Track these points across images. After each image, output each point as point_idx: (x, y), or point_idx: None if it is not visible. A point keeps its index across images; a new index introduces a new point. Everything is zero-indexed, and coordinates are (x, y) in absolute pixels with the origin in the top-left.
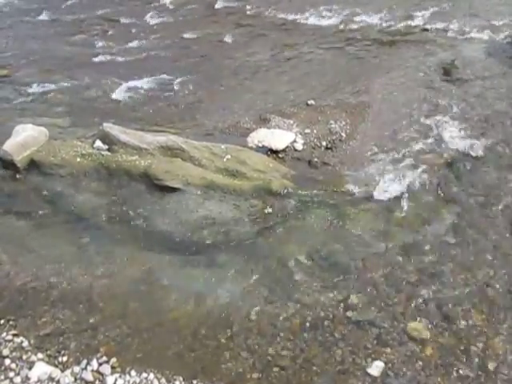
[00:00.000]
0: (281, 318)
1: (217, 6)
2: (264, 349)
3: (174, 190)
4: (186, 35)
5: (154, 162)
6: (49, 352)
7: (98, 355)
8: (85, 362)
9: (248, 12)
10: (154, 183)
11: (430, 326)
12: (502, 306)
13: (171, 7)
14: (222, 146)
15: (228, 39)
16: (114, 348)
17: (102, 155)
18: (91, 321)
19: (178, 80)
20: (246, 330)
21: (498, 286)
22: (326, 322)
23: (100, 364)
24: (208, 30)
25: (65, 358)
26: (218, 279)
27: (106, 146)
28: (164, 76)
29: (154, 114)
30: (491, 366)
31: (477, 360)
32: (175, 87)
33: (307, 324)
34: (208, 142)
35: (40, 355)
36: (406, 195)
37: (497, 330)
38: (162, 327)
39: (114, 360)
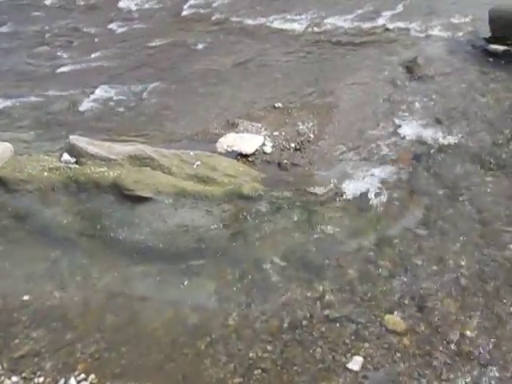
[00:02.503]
0: (259, 320)
1: (183, 13)
2: (244, 353)
3: (145, 199)
4: (152, 43)
5: (124, 172)
6: (24, 374)
7: (76, 373)
8: (62, 381)
9: (214, 18)
10: (124, 194)
11: (405, 318)
12: (473, 293)
13: (136, 15)
14: (192, 153)
15: (195, 46)
16: (92, 364)
17: (70, 168)
18: (67, 338)
19: (146, 88)
20: (225, 336)
21: (468, 273)
22: (304, 322)
23: (78, 382)
24: (174, 38)
25: (41, 380)
26: (195, 286)
27: (74, 159)
28: (131, 85)
29: (122, 123)
30: (467, 350)
31: (453, 347)
32: (142, 96)
33: (286, 325)
34: (177, 149)
35: (14, 378)
36: (376, 191)
37: (470, 317)
38: (140, 339)
39: (92, 377)
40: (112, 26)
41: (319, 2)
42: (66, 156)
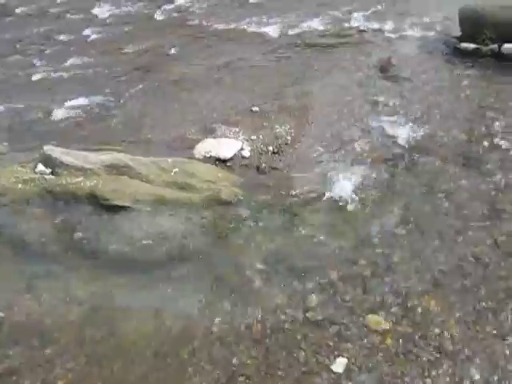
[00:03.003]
0: (242, 326)
1: (157, 19)
2: (228, 360)
3: (123, 208)
4: (126, 49)
5: (100, 181)
6: None
7: None
8: None
9: (189, 22)
10: (101, 204)
11: (387, 317)
12: (453, 289)
13: (110, 21)
14: (169, 160)
15: (170, 51)
16: (73, 380)
17: (45, 179)
18: (46, 354)
19: (121, 96)
20: (209, 343)
21: (447, 270)
22: (287, 325)
23: None
24: (149, 43)
25: None
26: (177, 295)
27: (49, 170)
28: (106, 92)
29: (98, 132)
30: (448, 347)
31: (434, 344)
32: (118, 103)
33: (269, 330)
34: (155, 156)
35: None
36: (354, 192)
37: (451, 313)
38: (121, 351)
39: None
40: (85, 32)
41: (294, 5)
42: (40, 167)
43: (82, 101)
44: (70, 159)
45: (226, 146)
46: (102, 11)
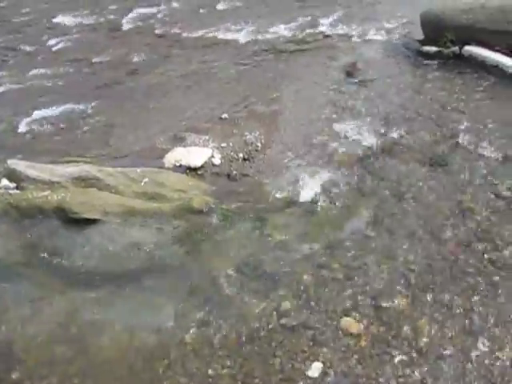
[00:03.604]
0: (217, 336)
1: (123, 27)
2: (203, 371)
3: (92, 221)
4: (92, 59)
5: (68, 194)
6: None
7: None
8: None
9: (156, 31)
10: (70, 217)
11: (361, 319)
12: (423, 288)
13: (75, 30)
14: (139, 170)
15: (137, 60)
16: None
17: (10, 194)
18: (14, 377)
19: (88, 106)
20: (183, 356)
21: (417, 269)
22: (261, 333)
23: None
24: (116, 52)
25: None
26: (150, 307)
27: (14, 184)
28: (72, 103)
29: (65, 144)
30: (421, 345)
31: (407, 342)
32: (85, 114)
33: (243, 338)
34: (124, 167)
35: None
36: (325, 195)
37: (421, 311)
38: (94, 369)
39: None
40: (50, 42)
41: (261, 12)
42: (4, 181)
43: (47, 112)
44: (35, 173)
45: (196, 154)
46: (66, 20)
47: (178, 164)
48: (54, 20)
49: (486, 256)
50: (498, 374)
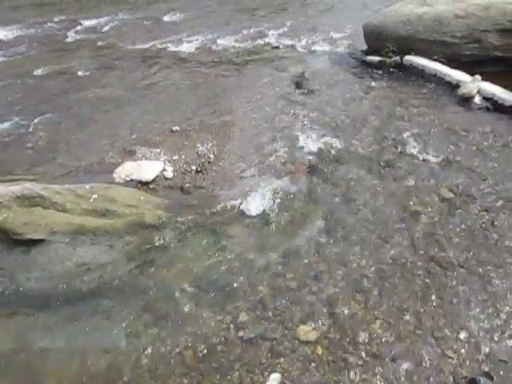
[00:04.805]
0: (173, 353)
1: (68, 40)
2: None
3: (38, 242)
4: (35, 72)
5: (11, 215)
6: None
7: None
8: None
9: (101, 43)
10: (13, 239)
11: (317, 327)
12: (375, 293)
13: (17, 43)
14: (87, 186)
15: (83, 73)
16: None
17: None
18: None
19: (32, 121)
20: (139, 376)
21: (370, 274)
22: (219, 347)
23: None
24: (60, 65)
25: None
26: (102, 328)
27: None
28: (14, 118)
29: (7, 161)
30: (376, 348)
31: (363, 347)
32: (29, 129)
33: (201, 354)
34: (71, 183)
35: None
36: (277, 205)
37: (375, 315)
38: None
39: None
40: None
41: (209, 24)
42: None
43: None
44: None
45: (148, 167)
46: (8, 34)
47: (128, 178)
48: None
49: (433, 257)
50: (449, 373)
